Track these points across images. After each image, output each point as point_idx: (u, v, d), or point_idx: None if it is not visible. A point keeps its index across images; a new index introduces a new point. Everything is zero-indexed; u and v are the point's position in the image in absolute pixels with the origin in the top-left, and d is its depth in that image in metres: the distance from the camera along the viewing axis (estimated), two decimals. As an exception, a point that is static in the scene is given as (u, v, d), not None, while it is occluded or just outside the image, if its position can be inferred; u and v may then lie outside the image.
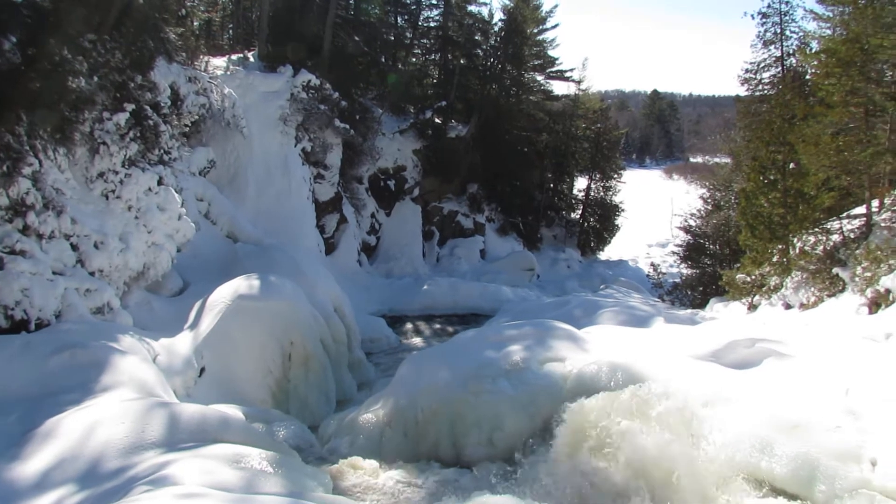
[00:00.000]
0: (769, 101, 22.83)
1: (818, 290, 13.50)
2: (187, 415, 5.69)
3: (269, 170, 18.18)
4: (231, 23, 27.60)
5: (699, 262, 28.44)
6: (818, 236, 14.79)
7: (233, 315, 10.42)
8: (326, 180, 21.19)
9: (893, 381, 6.32)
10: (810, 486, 5.40)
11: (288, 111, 19.04)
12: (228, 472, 4.65)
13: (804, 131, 14.79)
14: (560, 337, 8.57)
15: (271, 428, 7.89)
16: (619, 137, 42.65)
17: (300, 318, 11.31)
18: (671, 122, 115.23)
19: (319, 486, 5.27)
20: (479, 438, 7.23)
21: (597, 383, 7.21)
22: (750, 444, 5.85)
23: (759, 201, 16.44)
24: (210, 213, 15.71)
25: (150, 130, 11.82)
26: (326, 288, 13.69)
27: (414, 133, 27.69)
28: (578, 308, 13.47)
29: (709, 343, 8.12)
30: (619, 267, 35.75)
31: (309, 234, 19.08)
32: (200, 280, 13.00)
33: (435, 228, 28.61)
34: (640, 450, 5.84)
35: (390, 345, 16.82)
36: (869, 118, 13.61)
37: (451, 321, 20.07)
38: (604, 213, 37.76)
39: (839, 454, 5.54)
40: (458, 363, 8.17)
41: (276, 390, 10.74)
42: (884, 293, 10.55)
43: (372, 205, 25.41)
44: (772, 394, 6.50)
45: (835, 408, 6.13)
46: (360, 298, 19.06)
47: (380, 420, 8.06)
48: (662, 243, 43.62)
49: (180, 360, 9.35)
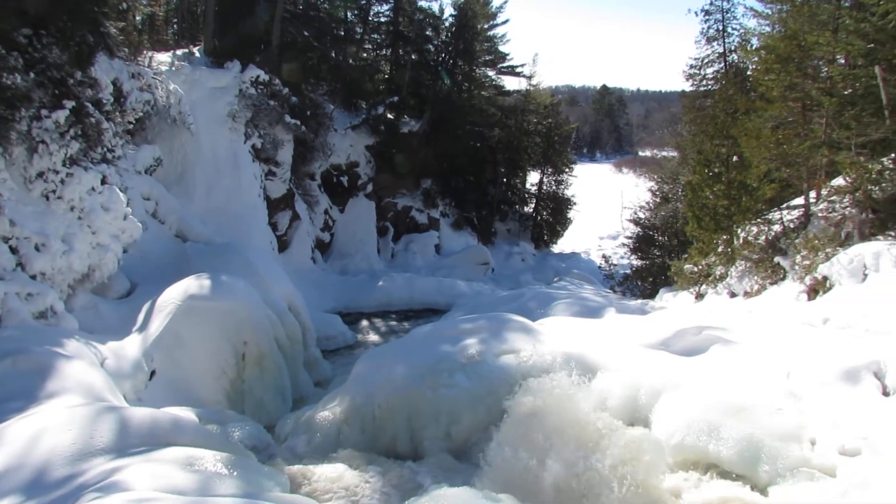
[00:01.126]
0: (713, 96, 23.51)
1: (761, 279, 14.00)
2: (137, 419, 5.55)
3: (218, 167, 17.79)
4: (175, 17, 26.85)
5: (649, 254, 29.15)
6: (760, 227, 15.33)
7: (183, 316, 10.20)
8: (278, 177, 20.88)
9: (829, 364, 6.62)
10: (755, 466, 5.62)
11: (237, 107, 18.67)
12: (181, 475, 4.56)
13: (746, 125, 15.28)
14: (515, 329, 8.68)
15: (226, 429, 7.76)
16: (569, 132, 43.30)
17: (253, 318, 11.14)
18: (620, 117, 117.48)
19: (276, 485, 5.22)
20: (436, 432, 7.27)
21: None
22: (698, 429, 6.05)
23: (704, 193, 16.94)
24: (158, 212, 15.30)
25: (92, 128, 11.43)
26: (280, 286, 13.51)
27: (366, 129, 27.52)
28: (533, 300, 13.66)
29: (658, 332, 8.36)
30: (572, 259, 36.35)
31: (261, 231, 18.77)
32: (149, 281, 12.65)
33: (389, 224, 28.53)
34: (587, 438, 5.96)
35: (346, 342, 16.73)
36: (806, 112, 14.16)
37: (407, 317, 20.07)
38: (556, 207, 38.33)
39: (781, 435, 5.78)
40: (414, 358, 8.19)
41: (231, 391, 10.57)
42: (821, 280, 11.00)
43: (325, 201, 25.15)
44: (718, 379, 6.73)
45: (777, 391, 6.39)
46: (315, 296, 18.88)
47: (337, 417, 8.02)
48: (613, 235, 44.52)
49: (129, 363, 9.12)
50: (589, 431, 5.83)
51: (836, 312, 9.42)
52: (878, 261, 9.78)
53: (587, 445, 5.66)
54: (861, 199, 12.06)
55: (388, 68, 32.36)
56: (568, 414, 6.12)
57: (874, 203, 12.03)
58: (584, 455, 5.59)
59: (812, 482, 5.31)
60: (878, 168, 11.96)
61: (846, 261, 10.24)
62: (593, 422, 5.91)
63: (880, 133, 11.75)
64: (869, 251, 10.02)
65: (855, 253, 10.22)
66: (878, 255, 9.82)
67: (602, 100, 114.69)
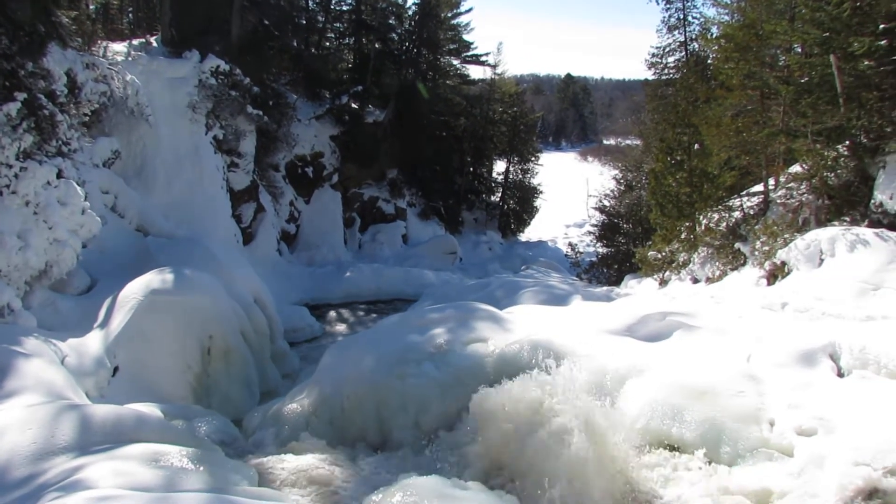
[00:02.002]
0: (674, 85, 23.87)
1: (722, 265, 14.32)
2: (100, 416, 5.44)
3: (179, 159, 17.41)
4: (131, 6, 26.10)
5: (614, 241, 29.57)
6: (721, 213, 15.66)
7: (146, 311, 10.00)
8: (241, 168, 20.53)
9: (787, 347, 6.82)
10: (716, 447, 5.77)
11: (196, 98, 18.27)
12: (146, 472, 4.49)
13: (707, 113, 15.57)
14: (482, 318, 8.72)
15: (192, 424, 7.66)
16: (535, 121, 43.54)
17: (218, 311, 10.99)
18: (585, 106, 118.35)
19: (244, 479, 5.18)
20: (405, 422, 7.28)
21: (519, 361, 7.40)
22: (662, 412, 6.18)
23: (667, 181, 17.22)
24: (117, 206, 14.92)
25: (46, 121, 11.08)
26: (245, 279, 13.35)
27: (330, 119, 27.24)
28: (500, 289, 13.73)
29: (623, 318, 8.48)
30: (539, 248, 36.65)
31: (225, 224, 18.47)
32: (110, 277, 12.36)
33: (356, 215, 28.35)
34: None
35: (314, 334, 16.63)
36: (765, 101, 14.48)
37: (374, 307, 20.02)
38: (523, 196, 38.56)
39: (741, 417, 5.95)
40: (382, 349, 8.18)
41: (197, 386, 10.43)
42: (780, 265, 11.29)
43: (290, 193, 24.85)
44: (681, 364, 6.88)
45: (738, 375, 6.56)
46: (282, 288, 18.69)
47: (305, 409, 7.97)
48: (580, 223, 44.96)
49: (91, 360, 8.91)
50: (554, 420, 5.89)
51: (793, 297, 9.70)
52: (833, 246, 10.08)
53: (554, 431, 5.73)
54: (817, 185, 12.40)
55: (352, 57, 32.05)
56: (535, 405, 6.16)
57: (830, 189, 12.39)
58: (552, 439, 5.66)
59: (771, 462, 5.48)
60: (834, 155, 12.31)
61: (803, 246, 10.53)
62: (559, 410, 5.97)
63: (835, 121, 12.08)
64: (825, 236, 10.32)
65: (812, 238, 10.52)
66: (834, 240, 10.12)
67: (567, 88, 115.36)
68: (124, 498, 3.56)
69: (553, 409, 5.97)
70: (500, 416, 6.17)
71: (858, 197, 12.00)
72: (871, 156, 11.79)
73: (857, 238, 9.83)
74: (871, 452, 4.86)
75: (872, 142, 11.75)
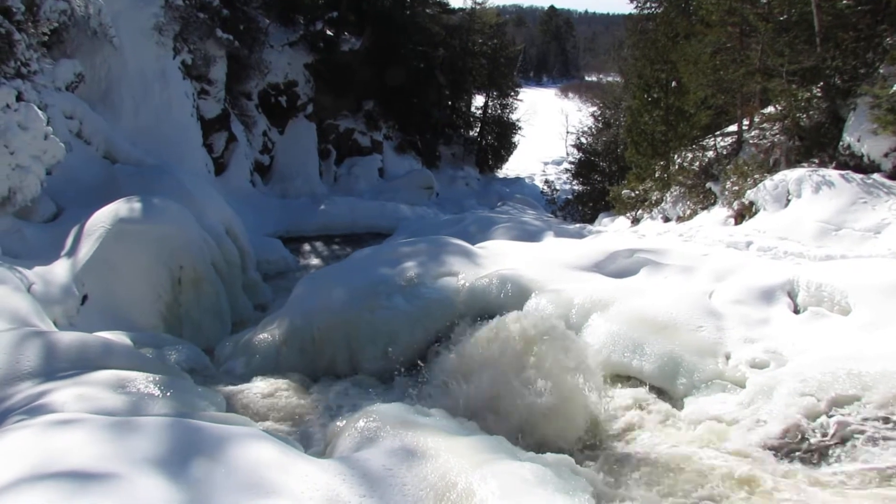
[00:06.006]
0: (655, 20, 23.45)
1: (693, 204, 14.48)
2: (65, 343, 5.44)
3: (146, 84, 16.82)
4: (92, -84, 24.60)
5: (590, 179, 29.62)
6: (695, 153, 15.73)
7: (114, 240, 9.87)
8: (212, 96, 19.93)
9: (749, 285, 7.01)
10: (673, 379, 5.99)
11: (163, 19, 17.49)
12: (111, 397, 4.54)
13: (686, 50, 15.39)
14: (454, 252, 8.79)
15: (162, 352, 7.72)
16: (516, 54, 42.62)
17: (188, 241, 10.89)
18: (567, 40, 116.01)
19: (211, 405, 5.26)
20: (374, 353, 7.41)
21: (487, 295, 7.53)
22: (624, 345, 6.37)
23: (643, 119, 17.17)
24: (83, 132, 14.45)
25: (2, 39, 10.60)
26: (216, 209, 13.18)
27: (304, 46, 26.35)
28: (473, 224, 13.79)
29: (592, 255, 8.59)
30: (516, 184, 36.58)
31: (195, 153, 18.07)
32: (76, 205, 12.11)
33: (331, 147, 27.86)
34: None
35: (287, 266, 16.59)
36: (743, 38, 14.33)
37: (349, 241, 19.98)
38: (501, 132, 38.11)
39: (699, 350, 6.15)
40: (353, 281, 8.24)
41: (168, 315, 10.43)
42: (748, 205, 11.47)
43: (263, 122, 24.26)
44: (645, 300, 7.04)
45: (699, 311, 6.74)
46: (255, 220, 18.50)
47: (276, 339, 8.06)
48: (558, 161, 44.82)
49: (59, 288, 8.83)
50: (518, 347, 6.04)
51: (758, 236, 9.90)
52: (800, 187, 10.23)
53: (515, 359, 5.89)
54: (789, 126, 12.47)
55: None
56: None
57: (801, 131, 12.48)
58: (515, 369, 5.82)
59: (724, 392, 5.72)
60: (807, 96, 12.34)
61: (771, 187, 10.68)
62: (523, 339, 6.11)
63: (812, 61, 12.04)
64: (793, 177, 10.46)
65: (780, 179, 10.66)
66: (801, 181, 10.27)
67: (549, 21, 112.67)
68: (87, 421, 3.61)
69: (517, 342, 6.10)
70: (470, 351, 6.30)
71: (828, 139, 12.11)
72: (844, 97, 11.83)
73: (823, 179, 9.98)
74: (816, 384, 5.09)
75: (845, 83, 11.77)
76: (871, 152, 10.83)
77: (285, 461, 3.60)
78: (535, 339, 6.06)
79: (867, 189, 9.89)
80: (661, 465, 4.93)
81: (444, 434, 4.34)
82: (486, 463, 3.89)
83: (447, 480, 3.72)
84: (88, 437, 3.49)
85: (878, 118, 10.39)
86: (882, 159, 10.72)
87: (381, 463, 3.86)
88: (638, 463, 5.03)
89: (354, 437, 4.41)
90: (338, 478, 3.61)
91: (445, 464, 3.86)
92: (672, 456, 5.01)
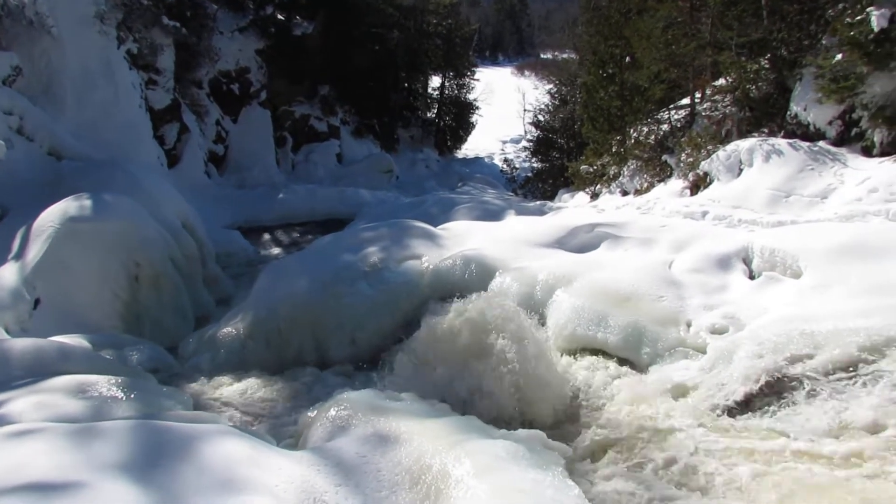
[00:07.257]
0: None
1: (650, 177, 14.72)
2: (19, 350, 5.27)
3: (89, 76, 16.20)
4: None
5: (548, 156, 29.81)
6: (651, 127, 15.96)
7: (65, 240, 9.54)
8: (160, 86, 19.34)
9: (706, 253, 7.17)
10: (637, 349, 6.12)
11: (104, 7, 16.82)
12: (72, 403, 4.41)
13: (638, 25, 15.54)
14: (416, 235, 8.77)
15: (123, 353, 7.54)
16: (471, 34, 42.41)
17: (144, 237, 10.59)
18: (522, 18, 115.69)
19: (178, 404, 5.17)
20: (341, 340, 7.38)
21: (452, 276, 7.55)
22: (588, 319, 6.47)
23: (599, 94, 17.31)
24: (24, 128, 13.85)
25: (-68, 33, 10.09)
26: (171, 203, 12.84)
27: (255, 32, 25.72)
28: (434, 206, 13.77)
29: (553, 231, 8.68)
30: (476, 164, 36.61)
31: (146, 146, 17.53)
32: (21, 205, 11.63)
33: (287, 134, 27.38)
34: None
35: (248, 257, 16.29)
36: (694, 13, 14.52)
37: (309, 228, 19.73)
38: (459, 112, 38.01)
39: (661, 320, 6.29)
40: (316, 269, 8.16)
41: (127, 314, 10.15)
42: (702, 176, 11.70)
43: (216, 111, 23.68)
44: (607, 273, 7.15)
45: (659, 281, 6.87)
46: (212, 212, 18.11)
47: (240, 333, 7.94)
48: (516, 139, 44.90)
49: (8, 293, 8.52)
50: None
51: (713, 205, 10.13)
52: (751, 156, 10.48)
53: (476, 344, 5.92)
54: (740, 97, 12.73)
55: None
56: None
57: (751, 102, 12.75)
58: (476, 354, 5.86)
59: (686, 359, 5.86)
60: (756, 68, 12.59)
61: (724, 157, 10.91)
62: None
63: (759, 34, 12.29)
64: (744, 147, 10.70)
65: (732, 149, 10.90)
66: (752, 150, 10.51)
67: (503, 0, 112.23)
68: (47, 430, 3.50)
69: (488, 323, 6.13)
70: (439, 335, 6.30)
71: (777, 109, 12.41)
72: (790, 68, 12.12)
73: (772, 148, 10.23)
74: (772, 345, 5.28)
75: (791, 55, 12.05)
76: (817, 121, 11.13)
77: (257, 456, 3.57)
78: (495, 322, 6.08)
79: (814, 156, 10.20)
80: (630, 433, 5.06)
81: (416, 417, 4.35)
82: (460, 443, 3.92)
83: (422, 463, 3.74)
84: (49, 446, 3.39)
85: (822, 88, 10.68)
86: (827, 127, 11.03)
87: (354, 451, 3.86)
88: (607, 433, 5.14)
89: (326, 427, 4.39)
90: (312, 469, 3.60)
91: (419, 447, 3.88)
92: (640, 425, 5.14)
